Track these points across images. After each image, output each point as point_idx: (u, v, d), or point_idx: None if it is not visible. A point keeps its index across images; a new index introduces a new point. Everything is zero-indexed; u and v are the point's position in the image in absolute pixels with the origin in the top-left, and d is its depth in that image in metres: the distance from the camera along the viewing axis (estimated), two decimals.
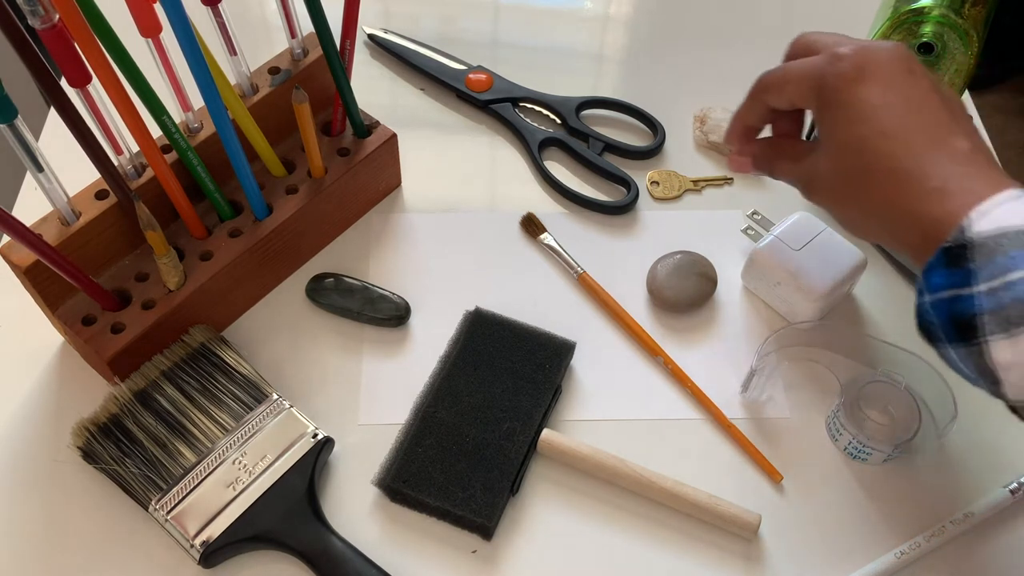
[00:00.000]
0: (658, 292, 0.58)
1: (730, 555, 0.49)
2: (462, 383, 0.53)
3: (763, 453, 0.53)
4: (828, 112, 0.47)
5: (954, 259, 0.41)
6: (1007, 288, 0.39)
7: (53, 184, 0.49)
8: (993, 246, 0.40)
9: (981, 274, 0.40)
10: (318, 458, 0.50)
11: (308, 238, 0.60)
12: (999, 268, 0.39)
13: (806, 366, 0.56)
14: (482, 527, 0.49)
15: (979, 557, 0.50)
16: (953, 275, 0.41)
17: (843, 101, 0.46)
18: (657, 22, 0.78)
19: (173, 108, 0.52)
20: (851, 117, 0.46)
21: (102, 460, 0.49)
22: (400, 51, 0.72)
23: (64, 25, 0.43)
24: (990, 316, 0.39)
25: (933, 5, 0.54)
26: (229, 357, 0.53)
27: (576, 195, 0.64)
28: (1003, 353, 0.39)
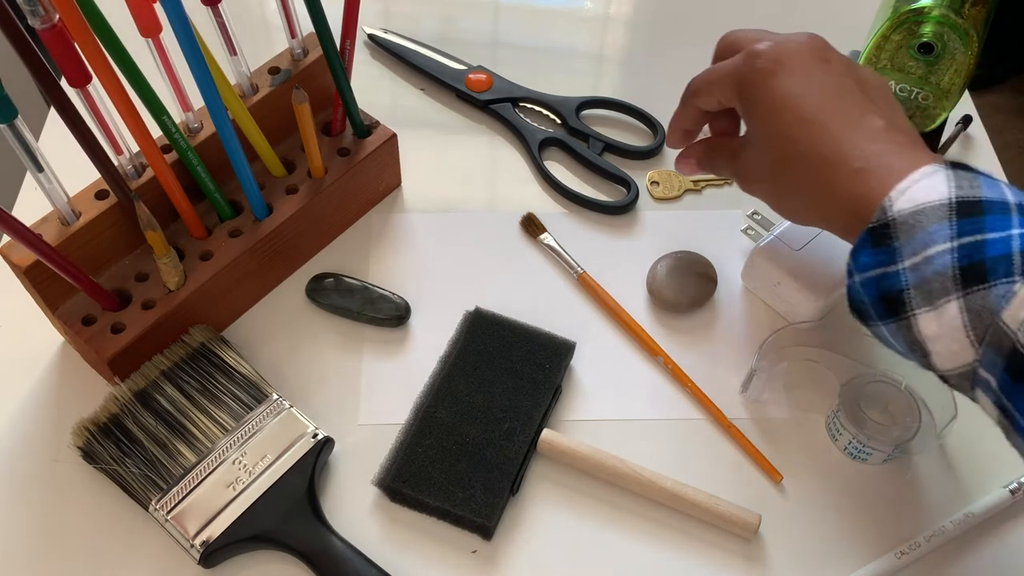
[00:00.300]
0: (658, 292, 0.58)
1: (730, 555, 0.49)
2: (462, 383, 0.53)
3: (763, 453, 0.53)
4: (750, 107, 0.49)
5: (879, 238, 0.42)
6: (928, 262, 0.40)
7: (53, 184, 0.49)
8: (913, 223, 0.41)
9: (904, 251, 0.41)
10: (318, 458, 0.50)
11: (308, 238, 0.60)
12: (920, 244, 0.41)
13: (806, 366, 0.56)
14: (482, 527, 0.49)
15: (979, 557, 0.50)
16: (879, 254, 0.42)
17: (762, 95, 0.48)
18: (657, 22, 0.78)
19: (173, 108, 0.52)
20: (771, 109, 0.48)
21: (102, 460, 0.49)
22: (400, 51, 0.72)
23: (64, 25, 0.43)
24: (915, 290, 0.41)
25: (933, 5, 0.54)
26: (229, 357, 0.53)
27: (576, 195, 0.64)
28: (929, 325, 0.41)
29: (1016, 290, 0.38)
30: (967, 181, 0.42)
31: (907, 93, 0.57)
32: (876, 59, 0.57)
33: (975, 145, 0.68)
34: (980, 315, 0.39)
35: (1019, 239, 0.39)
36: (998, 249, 0.39)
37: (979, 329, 0.39)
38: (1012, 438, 0.41)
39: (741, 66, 0.49)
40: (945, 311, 0.40)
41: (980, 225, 0.40)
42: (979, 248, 0.39)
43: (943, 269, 0.40)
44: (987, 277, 0.39)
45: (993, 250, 0.39)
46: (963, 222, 0.40)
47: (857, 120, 0.46)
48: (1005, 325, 0.38)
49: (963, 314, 0.40)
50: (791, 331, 0.55)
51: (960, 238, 0.40)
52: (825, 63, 0.48)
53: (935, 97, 0.57)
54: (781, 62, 0.48)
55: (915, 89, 0.57)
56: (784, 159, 0.48)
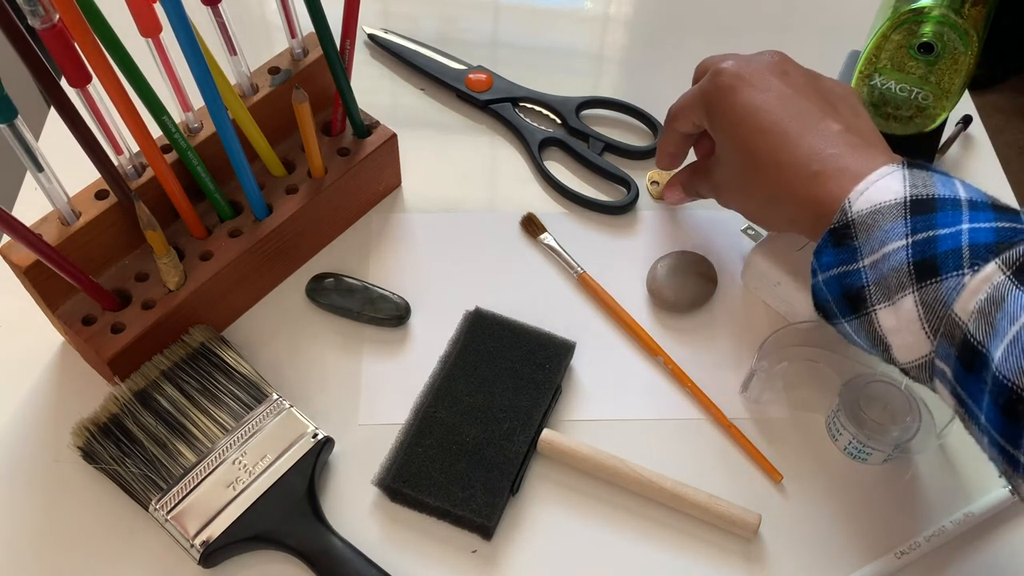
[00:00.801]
0: (658, 292, 0.58)
1: (730, 555, 0.49)
2: (462, 383, 0.53)
3: (763, 453, 0.53)
4: (715, 123, 0.53)
5: (840, 239, 0.45)
6: (885, 259, 0.43)
7: (53, 184, 0.49)
8: (871, 223, 0.43)
9: (864, 249, 0.44)
10: (318, 458, 0.50)
11: (308, 238, 0.60)
12: (877, 242, 0.43)
13: (806, 366, 0.56)
14: (482, 527, 0.49)
15: (979, 557, 0.50)
16: (840, 253, 0.45)
17: (725, 110, 0.51)
18: (657, 22, 0.78)
19: (173, 108, 0.52)
20: (733, 122, 0.51)
21: (102, 460, 0.49)
22: (400, 51, 0.72)
23: (64, 25, 0.43)
24: (875, 287, 0.43)
25: (933, 5, 0.54)
26: (229, 357, 0.53)
27: (576, 195, 0.64)
28: (888, 319, 0.43)
29: (966, 282, 0.40)
30: (921, 179, 0.44)
31: (907, 93, 0.57)
32: (876, 59, 0.57)
33: (975, 145, 0.68)
34: (933, 308, 0.41)
35: (968, 233, 0.41)
36: (948, 244, 0.41)
37: (933, 321, 0.41)
38: (968, 426, 0.42)
39: (706, 85, 0.53)
40: (902, 305, 0.42)
41: (932, 222, 0.42)
42: (931, 243, 0.41)
43: (899, 265, 0.42)
44: (939, 271, 0.41)
45: (944, 245, 0.41)
46: (916, 219, 0.42)
47: (814, 126, 0.49)
48: (956, 316, 0.40)
49: (918, 307, 0.41)
50: (791, 331, 0.55)
51: (914, 235, 0.42)
52: (784, 75, 0.51)
53: (935, 97, 0.57)
54: (741, 78, 0.51)
55: (915, 89, 0.57)
56: (748, 168, 0.51)
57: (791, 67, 0.52)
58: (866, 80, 0.58)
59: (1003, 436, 0.39)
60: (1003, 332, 0.38)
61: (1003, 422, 0.38)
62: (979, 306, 0.39)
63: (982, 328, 0.39)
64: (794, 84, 0.51)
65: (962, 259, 0.40)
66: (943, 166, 0.66)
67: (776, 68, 0.52)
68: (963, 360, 0.40)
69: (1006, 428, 0.38)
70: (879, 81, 0.57)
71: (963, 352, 0.40)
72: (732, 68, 0.52)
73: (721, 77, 0.52)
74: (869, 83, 0.58)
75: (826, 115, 0.49)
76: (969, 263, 0.40)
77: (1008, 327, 0.38)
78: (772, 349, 0.54)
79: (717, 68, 0.52)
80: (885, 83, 0.57)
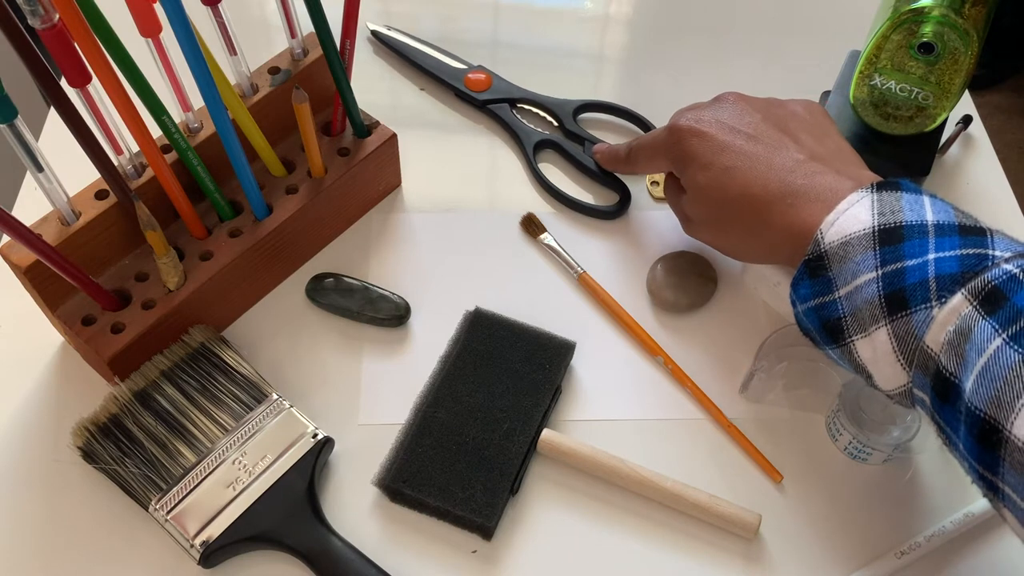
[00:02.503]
0: (658, 292, 0.58)
1: (730, 555, 0.49)
2: (462, 383, 0.53)
3: (763, 453, 0.53)
4: (681, 169, 0.53)
5: (814, 270, 0.45)
6: (858, 291, 0.43)
7: (53, 184, 0.49)
8: (843, 254, 0.44)
9: (838, 281, 0.44)
10: (318, 458, 0.50)
11: (308, 238, 0.60)
12: (849, 274, 0.43)
13: (806, 366, 0.56)
14: (482, 527, 0.49)
15: (979, 557, 0.50)
16: (816, 284, 0.45)
17: (688, 157, 0.52)
18: (657, 22, 0.77)
19: (173, 108, 0.52)
20: (698, 167, 0.52)
21: (102, 460, 0.49)
22: (401, 48, 0.72)
23: (64, 25, 0.43)
24: (850, 318, 0.44)
25: (933, 5, 0.54)
26: (229, 357, 0.53)
27: (567, 198, 0.64)
28: (865, 350, 0.43)
29: (934, 315, 0.40)
30: (889, 205, 0.44)
31: (907, 93, 0.57)
32: (876, 59, 0.57)
33: (975, 145, 0.68)
34: (906, 340, 0.41)
35: (934, 264, 0.41)
36: (916, 276, 0.41)
37: (907, 353, 0.42)
38: (951, 451, 0.42)
39: (667, 139, 0.54)
40: (876, 337, 0.42)
41: (899, 252, 0.42)
42: (899, 276, 0.42)
43: (871, 297, 0.42)
44: (908, 304, 0.41)
45: (912, 277, 0.41)
46: (885, 250, 0.42)
47: (778, 160, 0.49)
48: (929, 349, 0.40)
49: (891, 340, 0.42)
50: (791, 331, 0.55)
51: (883, 267, 0.42)
52: (743, 113, 0.52)
53: (935, 97, 0.57)
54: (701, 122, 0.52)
55: (915, 89, 0.57)
56: (721, 206, 0.51)
57: (746, 104, 0.53)
58: (866, 80, 0.58)
59: (980, 464, 0.39)
60: (972, 363, 0.38)
61: (979, 450, 0.38)
62: (948, 338, 0.40)
63: (952, 360, 0.39)
64: (753, 119, 0.52)
65: (929, 291, 0.41)
66: (943, 166, 0.66)
67: (736, 107, 0.53)
68: (937, 391, 0.40)
69: (982, 456, 0.38)
70: (879, 81, 0.57)
71: (937, 383, 0.40)
72: (690, 116, 0.53)
73: (680, 130, 0.53)
74: (869, 83, 0.58)
75: (786, 146, 0.50)
76: (936, 295, 0.40)
77: (976, 358, 0.38)
78: (772, 349, 0.54)
79: (676, 126, 0.53)
80: (885, 83, 0.57)
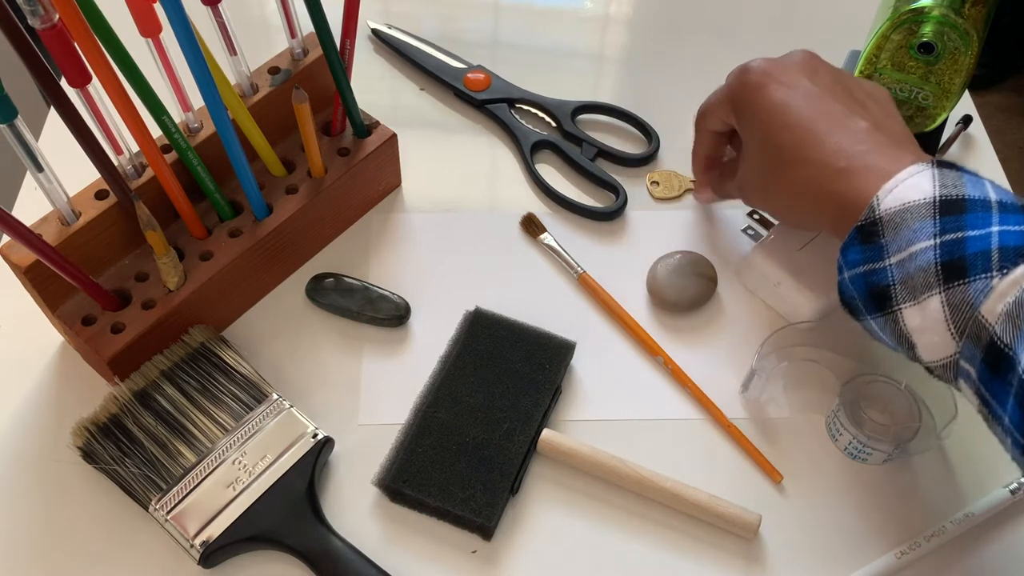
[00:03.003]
0: (658, 292, 0.58)
1: (730, 555, 0.49)
2: (462, 383, 0.53)
3: (763, 453, 0.53)
4: (741, 119, 0.53)
5: (867, 236, 0.44)
6: (912, 258, 0.42)
7: (53, 184, 0.49)
8: (899, 221, 0.43)
9: (891, 247, 0.43)
10: (318, 458, 0.50)
11: (308, 238, 0.60)
12: (905, 241, 0.43)
13: (806, 366, 0.56)
14: (482, 527, 0.49)
15: (979, 557, 0.50)
16: (867, 251, 0.44)
17: (751, 107, 0.51)
18: (657, 22, 0.78)
19: (173, 108, 0.52)
20: (759, 118, 0.51)
21: (102, 460, 0.49)
22: (402, 47, 0.72)
23: (64, 25, 0.43)
24: (900, 285, 0.43)
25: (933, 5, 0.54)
26: (229, 357, 0.53)
27: (563, 198, 0.63)
28: (913, 318, 0.43)
29: (994, 285, 0.40)
30: (951, 179, 0.43)
31: (907, 93, 0.57)
32: (876, 59, 0.57)
33: (975, 145, 0.68)
34: (960, 309, 0.41)
35: (998, 236, 0.41)
36: (978, 245, 0.41)
37: (959, 323, 0.41)
38: (992, 426, 0.42)
39: (733, 83, 0.53)
40: (928, 305, 0.42)
41: (961, 223, 0.42)
42: (960, 245, 0.41)
43: (926, 265, 0.42)
44: (967, 273, 0.41)
45: (973, 246, 0.41)
46: (945, 219, 0.42)
47: (841, 123, 0.48)
48: (984, 319, 0.40)
49: (944, 308, 0.41)
50: (791, 331, 0.55)
51: (942, 235, 0.42)
52: (813, 73, 0.51)
53: (935, 97, 0.57)
54: (769, 75, 0.51)
55: (915, 89, 0.57)
56: (774, 165, 0.50)
57: (820, 65, 0.52)
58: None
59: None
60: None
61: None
62: (1007, 309, 0.39)
63: (1009, 331, 0.39)
64: (822, 82, 0.51)
65: (991, 261, 0.40)
66: None
67: (805, 66, 0.51)
68: (989, 362, 0.40)
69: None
70: (879, 81, 0.57)
71: (989, 354, 0.40)
72: (760, 66, 0.52)
73: (748, 75, 0.52)
74: None
75: (854, 113, 0.49)
76: (998, 265, 0.40)
77: None
78: (772, 349, 0.54)
79: (745, 66, 0.52)
80: (885, 83, 0.57)
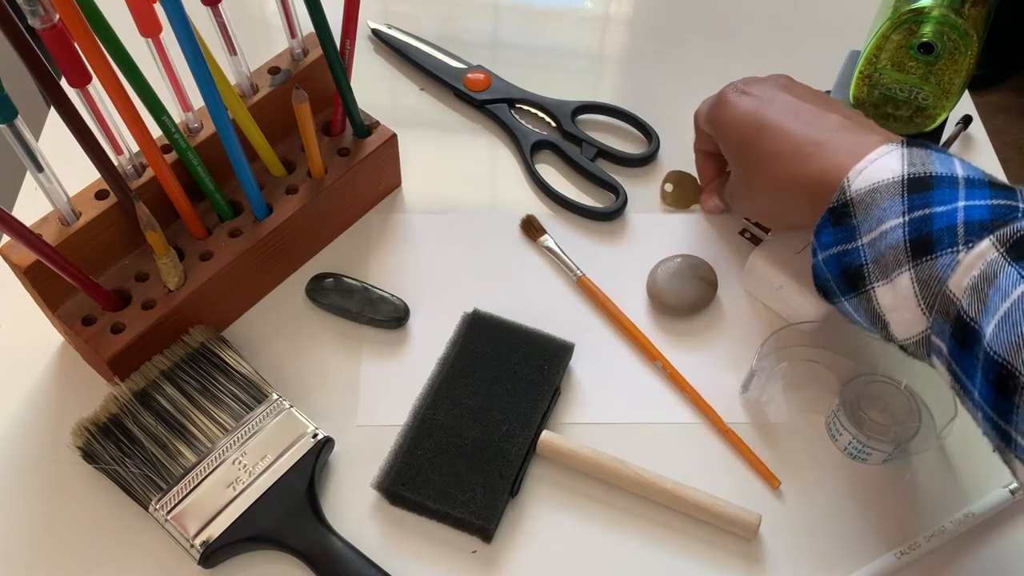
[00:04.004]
0: (658, 296, 0.58)
1: (730, 555, 0.49)
2: (461, 385, 0.53)
3: (763, 453, 0.52)
4: (720, 135, 0.55)
5: (839, 218, 0.45)
6: (882, 237, 0.43)
7: (53, 184, 0.49)
8: (869, 201, 0.44)
9: (862, 228, 0.44)
10: (318, 458, 0.50)
11: (308, 238, 0.60)
12: (875, 220, 0.44)
13: (806, 366, 0.56)
14: (482, 529, 0.49)
15: (979, 557, 0.50)
16: (839, 232, 0.45)
17: (726, 122, 0.54)
18: (657, 22, 0.78)
19: (173, 108, 0.52)
20: (734, 126, 0.53)
21: (102, 460, 0.49)
22: (402, 47, 0.72)
23: (64, 25, 0.43)
24: (873, 265, 0.44)
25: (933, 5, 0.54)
26: (229, 357, 0.53)
27: (563, 199, 0.63)
28: (886, 296, 0.44)
29: (960, 259, 0.40)
30: (919, 158, 0.44)
31: (907, 93, 0.57)
32: (876, 59, 0.57)
33: (975, 145, 0.68)
34: (928, 284, 0.41)
35: (963, 211, 0.41)
36: (944, 221, 0.42)
37: (929, 298, 0.42)
38: (964, 401, 0.43)
39: (712, 100, 0.56)
40: (898, 282, 0.43)
41: (928, 200, 0.42)
42: (927, 221, 0.42)
43: (895, 243, 0.42)
44: (934, 248, 0.41)
45: (939, 222, 0.42)
46: (913, 197, 0.43)
47: (811, 118, 0.50)
48: (951, 293, 0.41)
49: (914, 284, 0.42)
50: (791, 331, 0.55)
51: (910, 212, 0.42)
52: (784, 88, 0.53)
53: (935, 97, 0.57)
54: (741, 90, 0.54)
55: (915, 89, 0.57)
56: (751, 168, 0.52)
57: (794, 84, 0.55)
58: (866, 80, 0.58)
59: (995, 411, 0.39)
60: (995, 309, 0.39)
61: (995, 397, 0.39)
62: (972, 282, 0.40)
63: (975, 305, 0.40)
64: (794, 93, 0.53)
65: (956, 236, 0.41)
66: None
67: (777, 83, 0.54)
68: (957, 336, 0.41)
69: (997, 403, 0.39)
70: (879, 81, 0.57)
71: (957, 328, 0.41)
72: (733, 83, 0.55)
73: (724, 91, 0.55)
74: (869, 83, 0.58)
75: (827, 111, 0.50)
76: (964, 240, 0.41)
77: (1000, 303, 0.38)
78: (772, 349, 0.54)
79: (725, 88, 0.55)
80: (885, 83, 0.57)
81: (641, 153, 0.66)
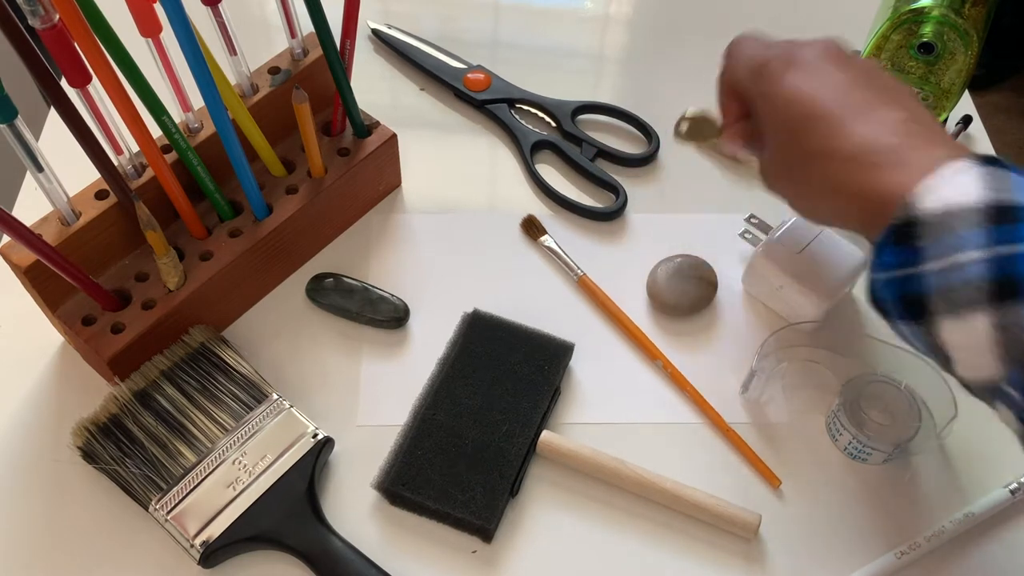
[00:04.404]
0: (658, 296, 0.58)
1: (730, 555, 0.49)
2: (461, 385, 0.53)
3: (763, 453, 0.52)
4: (761, 102, 0.48)
5: (902, 237, 0.40)
6: (955, 269, 0.38)
7: (53, 184, 0.49)
8: (941, 225, 0.39)
9: (929, 252, 0.39)
10: (318, 458, 0.50)
11: (308, 238, 0.60)
12: (947, 248, 0.39)
13: (806, 366, 0.56)
14: (482, 529, 0.49)
15: (979, 557, 0.50)
16: (902, 253, 0.40)
17: (771, 98, 0.47)
18: (657, 22, 0.78)
19: (173, 108, 0.52)
20: (780, 105, 0.46)
21: (102, 460, 0.49)
22: (402, 47, 0.72)
23: (64, 25, 0.43)
24: (939, 296, 0.39)
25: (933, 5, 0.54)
26: (229, 357, 0.53)
27: (563, 199, 0.63)
28: (953, 334, 0.39)
29: None
30: (1000, 182, 0.39)
31: None
32: (876, 59, 0.57)
33: (975, 145, 0.68)
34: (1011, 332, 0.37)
35: None
36: None
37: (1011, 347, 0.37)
38: None
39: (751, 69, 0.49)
40: (972, 323, 0.38)
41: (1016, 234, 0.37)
42: (1013, 261, 0.37)
43: (973, 279, 0.38)
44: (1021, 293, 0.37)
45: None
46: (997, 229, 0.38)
47: (873, 114, 0.44)
48: None
49: (993, 330, 0.37)
50: (791, 331, 0.55)
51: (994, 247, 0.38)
52: (838, 61, 0.47)
53: (935, 97, 0.57)
54: (793, 61, 0.47)
55: (915, 89, 0.57)
56: (797, 157, 0.46)
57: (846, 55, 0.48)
58: None
59: None
60: None
61: None
62: None
63: None
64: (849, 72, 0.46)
65: None
66: None
67: (830, 55, 0.47)
68: None
69: None
70: None
71: None
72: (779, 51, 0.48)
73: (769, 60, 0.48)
74: None
75: (885, 102, 0.44)
76: None
77: None
78: (772, 349, 0.54)
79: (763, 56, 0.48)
80: None
81: (641, 153, 0.66)
